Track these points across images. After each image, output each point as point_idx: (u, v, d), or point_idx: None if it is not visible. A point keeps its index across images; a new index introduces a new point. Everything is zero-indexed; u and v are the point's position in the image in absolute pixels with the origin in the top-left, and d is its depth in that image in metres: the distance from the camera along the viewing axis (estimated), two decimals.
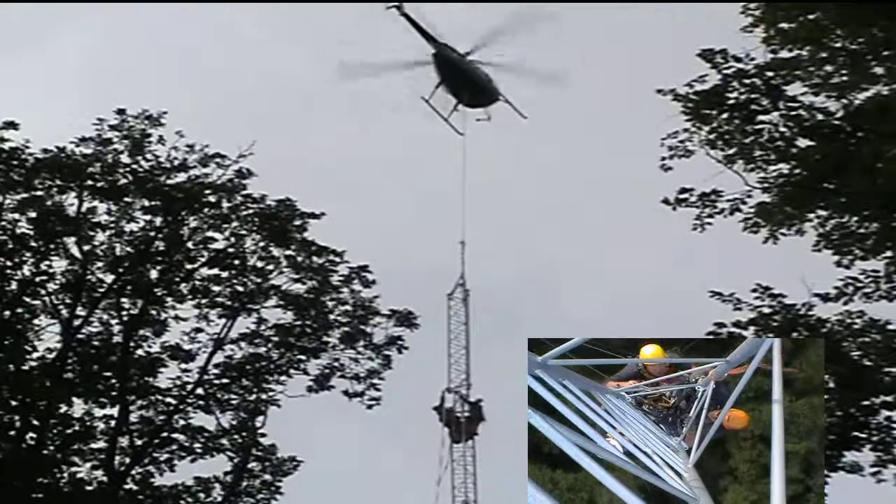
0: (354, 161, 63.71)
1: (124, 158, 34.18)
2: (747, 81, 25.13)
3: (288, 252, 34.79)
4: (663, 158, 25.97)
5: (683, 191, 26.09)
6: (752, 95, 25.20)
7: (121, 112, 34.43)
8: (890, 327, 25.02)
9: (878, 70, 24.49)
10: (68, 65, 70.74)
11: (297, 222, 34.67)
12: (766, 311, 25.71)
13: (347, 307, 35.06)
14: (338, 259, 34.97)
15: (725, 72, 25.17)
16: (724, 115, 25.35)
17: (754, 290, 25.89)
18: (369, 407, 34.98)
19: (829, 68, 24.61)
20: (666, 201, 26.31)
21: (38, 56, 71.28)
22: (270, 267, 34.82)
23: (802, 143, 25.40)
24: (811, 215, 25.66)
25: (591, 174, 65.54)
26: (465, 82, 46.43)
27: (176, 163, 34.20)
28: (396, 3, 44.55)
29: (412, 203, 64.51)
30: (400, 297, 35.73)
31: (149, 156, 34.26)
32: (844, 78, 24.56)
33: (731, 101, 25.30)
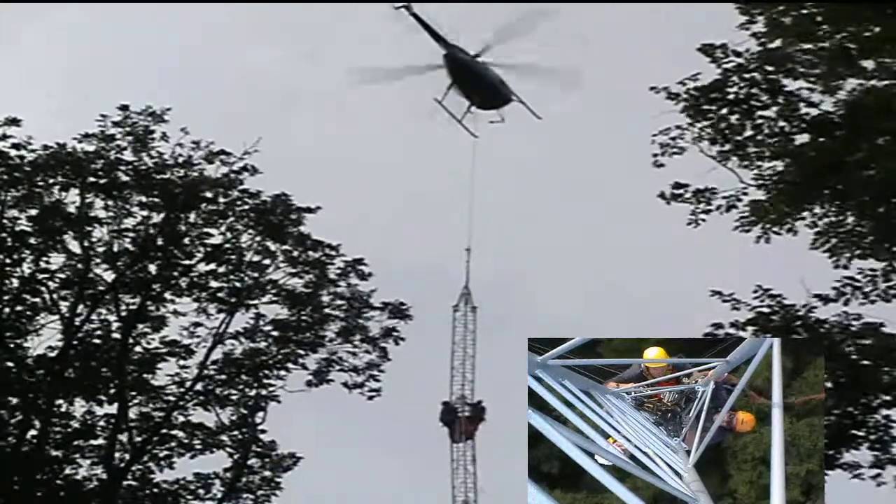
0: (357, 161, 63.80)
1: (127, 155, 34.23)
2: (746, 76, 25.19)
3: (284, 247, 34.88)
4: (655, 155, 26.04)
5: (679, 186, 26.14)
6: (752, 91, 25.25)
7: (124, 108, 34.44)
8: (886, 330, 25.04)
9: (876, 66, 24.52)
10: (50, 63, 70.69)
11: (293, 217, 34.75)
12: (765, 311, 25.74)
13: (342, 301, 35.15)
14: (334, 253, 35.09)
15: (725, 66, 25.24)
16: (724, 111, 25.39)
17: (755, 291, 25.92)
18: (370, 398, 35.05)
19: (826, 64, 24.64)
20: (662, 195, 26.37)
21: (12, 53, 71.16)
22: (267, 262, 34.92)
23: (798, 139, 25.44)
24: (806, 213, 25.66)
25: (589, 173, 65.62)
26: (477, 84, 46.15)
27: (181, 160, 34.21)
28: (405, 3, 44.30)
29: (414, 203, 64.61)
30: (401, 295, 35.88)
31: (153, 153, 34.27)
32: (840, 70, 24.58)
33: (731, 97, 25.36)
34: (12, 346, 33.27)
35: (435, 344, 45.38)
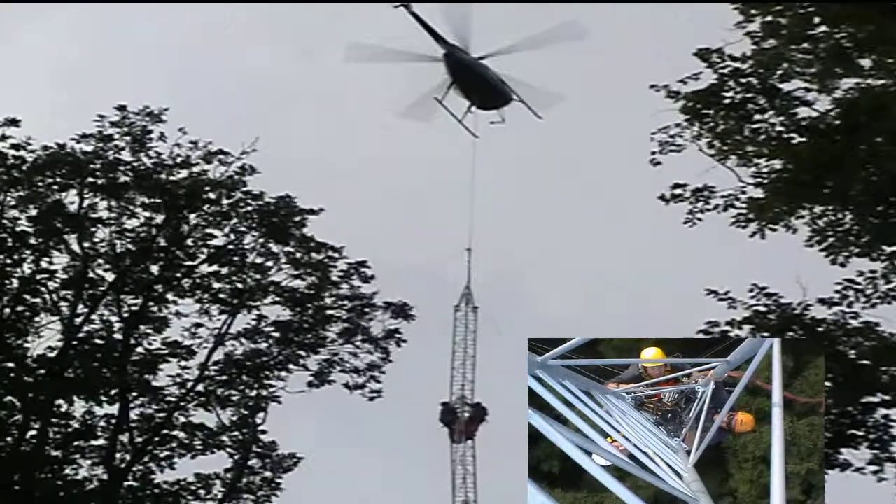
0: (356, 161, 63.75)
1: (126, 155, 34.27)
2: (743, 81, 25.21)
3: (287, 248, 34.88)
4: (653, 153, 26.03)
5: (677, 186, 26.13)
6: (748, 95, 25.28)
7: (122, 108, 34.48)
8: (883, 329, 25.11)
9: (872, 66, 24.55)
10: (49, 63, 70.55)
11: (297, 219, 34.76)
12: (762, 309, 25.79)
13: (345, 301, 35.18)
14: (336, 255, 35.08)
15: (721, 71, 25.26)
16: (721, 114, 25.41)
17: (751, 290, 25.97)
18: (371, 399, 35.12)
19: (823, 64, 24.66)
20: (662, 197, 26.36)
21: (10, 54, 71.07)
22: (270, 263, 34.93)
23: (796, 140, 25.46)
24: (804, 212, 25.68)
25: (589, 173, 65.60)
26: (478, 84, 46.20)
27: (179, 160, 34.25)
28: (404, 2, 44.30)
29: (414, 204, 64.56)
30: (401, 296, 35.90)
31: (151, 153, 34.31)
32: (837, 70, 24.61)
33: (727, 101, 25.38)
34: (13, 346, 33.32)
35: (436, 344, 45.38)
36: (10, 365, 33.26)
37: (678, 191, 26.16)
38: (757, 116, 25.41)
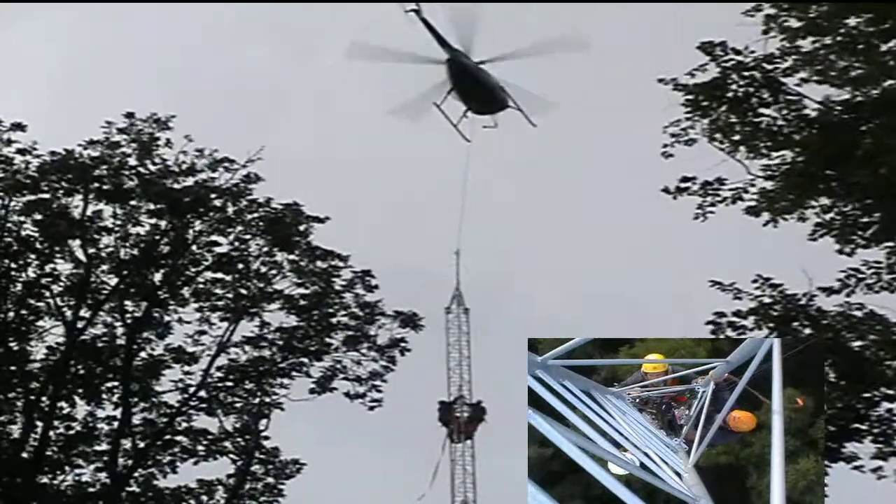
0: (352, 163, 63.60)
1: (132, 162, 34.14)
2: (747, 74, 25.04)
3: (291, 257, 34.75)
4: (665, 146, 25.81)
5: (685, 179, 25.94)
6: (752, 88, 25.12)
7: (129, 115, 34.37)
8: (889, 319, 24.99)
9: (879, 60, 24.39)
10: (44, 63, 70.32)
11: (302, 227, 34.65)
12: (767, 300, 25.67)
13: (351, 310, 35.04)
14: (342, 264, 34.96)
15: (725, 65, 25.10)
16: (724, 108, 25.26)
17: (755, 281, 25.85)
18: (371, 408, 35.03)
19: (832, 57, 24.51)
20: (666, 190, 26.17)
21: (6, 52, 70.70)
22: (274, 271, 34.80)
23: (805, 132, 25.31)
24: (813, 202, 25.51)
25: (588, 168, 65.40)
26: (478, 90, 46.28)
27: (184, 167, 34.14)
28: (415, 8, 44.38)
29: (411, 205, 64.37)
30: (399, 299, 35.78)
31: (156, 159, 34.20)
32: (844, 64, 24.45)
33: (731, 94, 25.21)
34: (16, 349, 33.27)
35: (436, 346, 45.23)
36: (13, 368, 33.19)
37: (686, 184, 25.94)
38: (763, 110, 25.24)
